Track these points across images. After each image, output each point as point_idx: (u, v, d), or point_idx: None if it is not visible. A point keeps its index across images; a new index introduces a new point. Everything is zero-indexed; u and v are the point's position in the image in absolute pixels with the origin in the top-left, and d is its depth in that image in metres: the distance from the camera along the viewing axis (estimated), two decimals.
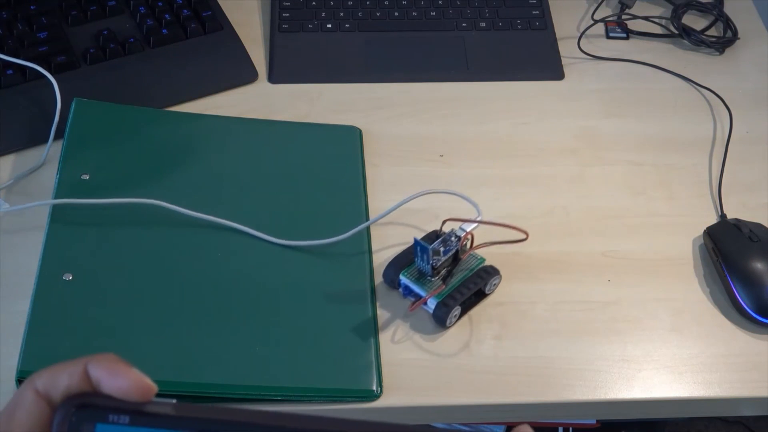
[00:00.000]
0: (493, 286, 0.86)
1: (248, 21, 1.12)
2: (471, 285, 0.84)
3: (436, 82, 1.07)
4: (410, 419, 0.82)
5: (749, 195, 0.98)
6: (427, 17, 1.13)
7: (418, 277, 0.84)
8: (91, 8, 1.06)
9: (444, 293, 0.83)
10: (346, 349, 0.81)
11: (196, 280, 0.84)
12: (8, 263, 0.86)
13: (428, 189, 0.92)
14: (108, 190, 0.89)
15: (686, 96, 1.08)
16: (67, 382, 0.42)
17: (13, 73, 0.99)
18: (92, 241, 0.86)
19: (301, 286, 0.85)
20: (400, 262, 0.86)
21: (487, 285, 0.85)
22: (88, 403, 0.41)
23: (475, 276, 0.85)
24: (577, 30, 1.14)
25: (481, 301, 0.86)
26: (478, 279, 0.85)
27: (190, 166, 0.94)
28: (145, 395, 0.42)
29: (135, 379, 0.41)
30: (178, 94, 1.02)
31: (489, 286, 0.86)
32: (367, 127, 1.01)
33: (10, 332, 0.80)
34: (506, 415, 0.83)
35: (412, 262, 0.85)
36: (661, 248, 0.92)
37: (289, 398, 0.78)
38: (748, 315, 0.86)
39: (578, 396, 0.81)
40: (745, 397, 0.82)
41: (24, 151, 0.96)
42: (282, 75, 1.07)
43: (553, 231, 0.93)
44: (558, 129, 1.03)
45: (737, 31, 1.15)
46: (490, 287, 0.86)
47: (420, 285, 0.84)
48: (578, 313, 0.86)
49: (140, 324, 0.81)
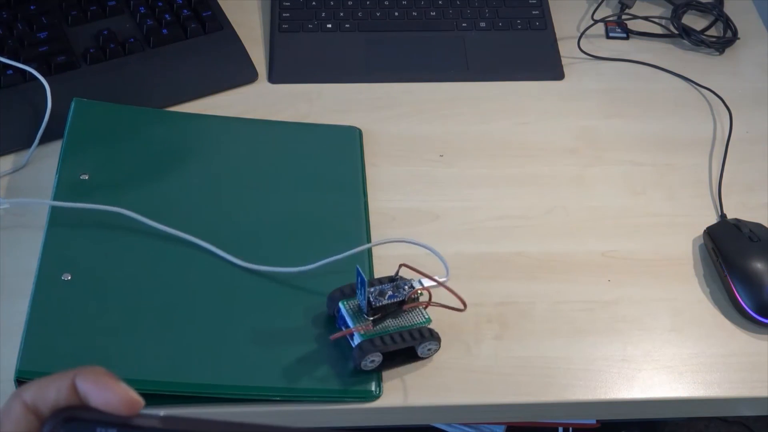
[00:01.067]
0: (427, 351, 0.80)
1: (248, 21, 1.12)
2: (399, 339, 0.78)
3: (436, 82, 1.07)
4: (410, 419, 0.82)
5: (749, 195, 0.98)
6: (427, 17, 1.13)
7: (357, 311, 0.80)
8: (91, 8, 1.06)
9: (370, 335, 0.78)
10: (346, 349, 0.81)
11: (195, 280, 0.84)
12: (8, 263, 0.86)
13: (403, 238, 0.87)
14: (108, 191, 0.89)
15: (686, 96, 1.08)
16: (55, 395, 0.42)
17: (12, 74, 0.99)
18: (91, 241, 0.86)
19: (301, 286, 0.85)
20: (348, 290, 0.81)
21: (419, 346, 0.79)
22: (75, 416, 0.42)
23: (410, 332, 0.79)
24: (577, 30, 1.14)
25: (412, 364, 0.81)
26: (411, 336, 0.79)
27: (189, 166, 0.94)
28: (132, 409, 0.42)
29: (122, 393, 0.42)
30: (178, 94, 1.02)
31: (422, 349, 0.80)
32: (367, 127, 1.01)
33: (10, 332, 0.80)
34: (506, 415, 0.83)
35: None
36: (661, 248, 0.92)
37: (288, 399, 0.78)
38: (748, 315, 0.86)
39: (578, 396, 0.81)
40: (745, 397, 0.82)
41: (24, 151, 0.96)
42: (282, 75, 1.07)
43: (553, 231, 0.93)
44: (558, 129, 1.03)
45: (737, 31, 1.15)
46: (423, 350, 0.80)
47: (353, 319, 0.79)
48: (578, 313, 0.86)
49: (139, 324, 0.81)
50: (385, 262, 0.86)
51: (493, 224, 0.92)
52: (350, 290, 0.81)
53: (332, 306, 0.81)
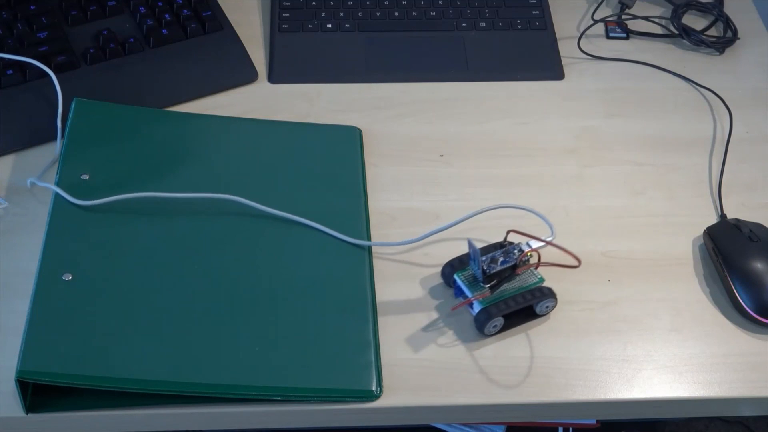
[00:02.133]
0: (545, 308, 0.84)
1: (248, 21, 1.12)
2: (520, 299, 0.83)
3: (436, 82, 1.07)
4: (410, 419, 0.82)
5: (749, 195, 0.98)
6: (427, 17, 1.13)
7: (472, 281, 0.84)
8: (91, 8, 1.06)
9: (490, 300, 0.83)
10: (346, 349, 0.81)
11: (196, 280, 0.84)
12: (8, 263, 0.86)
13: (504, 203, 0.90)
14: (108, 190, 0.89)
15: (686, 96, 1.08)
16: None
17: (13, 73, 0.99)
18: (92, 241, 0.86)
19: (301, 286, 0.85)
20: (460, 262, 0.85)
21: (538, 305, 0.84)
22: None
23: (527, 293, 0.83)
24: (577, 30, 1.14)
25: (531, 322, 0.85)
26: (529, 296, 0.83)
27: (189, 166, 0.94)
28: None
29: None
30: (178, 94, 1.03)
31: (540, 307, 0.84)
32: (367, 127, 1.01)
33: (10, 332, 0.80)
34: (506, 415, 0.83)
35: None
36: (661, 248, 0.92)
37: (288, 398, 0.78)
38: (748, 315, 0.86)
39: (578, 396, 0.81)
40: (745, 397, 0.82)
41: (24, 151, 0.96)
42: (282, 75, 1.07)
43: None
44: (558, 129, 1.03)
45: (737, 31, 1.15)
46: (541, 308, 0.84)
47: (470, 288, 0.83)
48: (578, 313, 0.86)
49: (140, 324, 0.81)
50: (487, 232, 0.89)
51: (493, 224, 0.92)
52: (459, 262, 0.85)
53: (448, 279, 0.86)
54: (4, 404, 0.77)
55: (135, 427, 0.80)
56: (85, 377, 0.76)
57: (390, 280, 0.87)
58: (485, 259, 0.82)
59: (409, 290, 0.87)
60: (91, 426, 0.79)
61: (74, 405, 0.78)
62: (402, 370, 0.81)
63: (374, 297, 0.85)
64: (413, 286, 0.87)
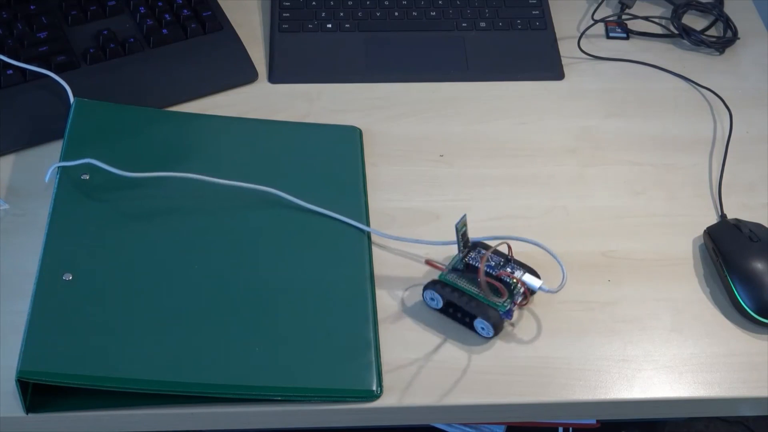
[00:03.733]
0: (481, 328, 0.83)
1: (248, 21, 1.12)
2: (466, 300, 0.83)
3: (436, 82, 1.07)
4: (410, 419, 0.82)
5: (749, 195, 0.98)
6: (427, 17, 1.13)
7: (457, 261, 0.85)
8: (91, 8, 1.06)
9: (447, 279, 0.84)
10: (346, 349, 0.81)
11: (196, 281, 0.84)
12: (8, 263, 0.86)
13: (512, 236, 0.87)
14: (109, 190, 0.89)
15: (686, 96, 1.08)
16: None
17: (12, 73, 0.99)
18: (92, 241, 0.86)
19: (301, 286, 0.85)
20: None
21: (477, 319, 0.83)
22: None
23: (478, 302, 0.82)
24: (577, 30, 1.14)
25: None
26: (475, 305, 0.82)
27: (190, 166, 0.94)
28: None
29: None
30: (178, 94, 1.03)
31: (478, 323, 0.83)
32: (367, 127, 1.01)
33: (10, 332, 0.80)
34: (506, 415, 0.83)
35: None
36: (661, 248, 0.92)
37: (288, 398, 0.78)
38: (748, 315, 0.86)
39: (578, 396, 0.81)
40: (745, 397, 0.82)
41: (24, 151, 0.96)
42: (282, 75, 1.07)
43: (553, 231, 0.93)
44: (558, 129, 1.03)
45: (737, 31, 1.15)
46: (478, 324, 0.83)
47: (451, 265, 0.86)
48: (578, 313, 0.86)
49: (140, 324, 0.81)
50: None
51: (493, 224, 0.92)
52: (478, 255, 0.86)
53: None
54: (4, 404, 0.77)
55: (135, 427, 0.80)
56: (85, 377, 0.76)
57: (390, 280, 0.87)
58: (469, 251, 0.85)
59: (409, 290, 0.87)
60: (91, 426, 0.79)
61: (74, 405, 0.78)
62: (402, 370, 0.81)
63: (374, 297, 0.86)
64: (413, 286, 0.87)
